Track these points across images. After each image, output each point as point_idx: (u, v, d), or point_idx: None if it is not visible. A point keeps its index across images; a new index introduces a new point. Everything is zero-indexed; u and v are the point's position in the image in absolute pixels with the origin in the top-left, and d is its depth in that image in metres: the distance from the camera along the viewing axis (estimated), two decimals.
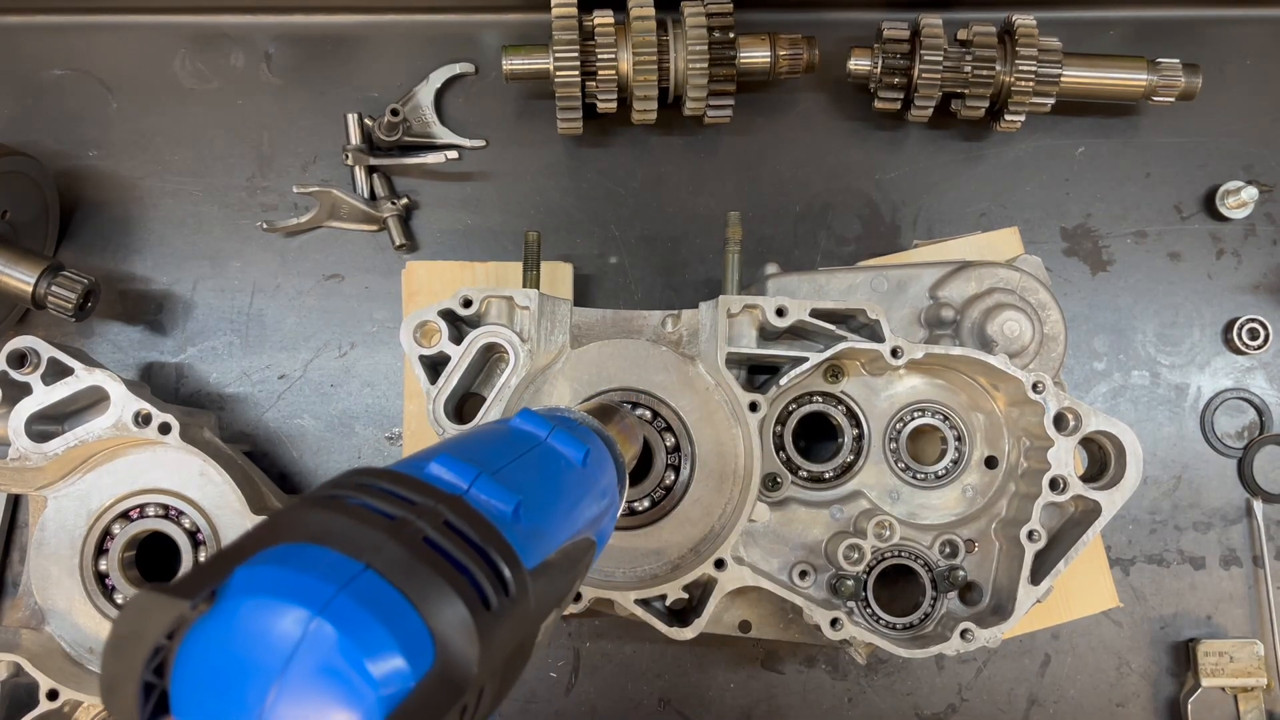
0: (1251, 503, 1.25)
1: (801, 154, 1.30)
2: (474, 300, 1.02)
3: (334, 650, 0.42)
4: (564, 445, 0.67)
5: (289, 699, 0.42)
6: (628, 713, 1.23)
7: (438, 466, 0.56)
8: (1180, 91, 1.22)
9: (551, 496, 0.63)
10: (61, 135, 1.30)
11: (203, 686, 0.43)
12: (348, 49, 1.31)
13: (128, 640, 0.43)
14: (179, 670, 0.44)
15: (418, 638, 0.44)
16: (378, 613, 0.43)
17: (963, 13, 1.27)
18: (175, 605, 0.43)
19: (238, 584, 0.45)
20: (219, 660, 0.43)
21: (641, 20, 1.16)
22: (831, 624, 1.01)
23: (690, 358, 1.05)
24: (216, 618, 0.44)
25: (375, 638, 0.43)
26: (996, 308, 1.07)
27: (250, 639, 0.43)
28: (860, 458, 1.08)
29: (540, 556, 0.57)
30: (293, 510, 0.49)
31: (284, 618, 0.43)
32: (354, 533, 0.47)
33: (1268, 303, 1.28)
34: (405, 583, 0.45)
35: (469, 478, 0.56)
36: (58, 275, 1.14)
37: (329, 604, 0.43)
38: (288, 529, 0.47)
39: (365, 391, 1.26)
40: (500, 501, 0.55)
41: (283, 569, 0.44)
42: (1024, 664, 1.24)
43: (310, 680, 0.42)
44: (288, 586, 0.44)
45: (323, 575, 0.44)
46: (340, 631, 0.42)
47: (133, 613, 0.43)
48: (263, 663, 0.42)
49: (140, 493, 1.11)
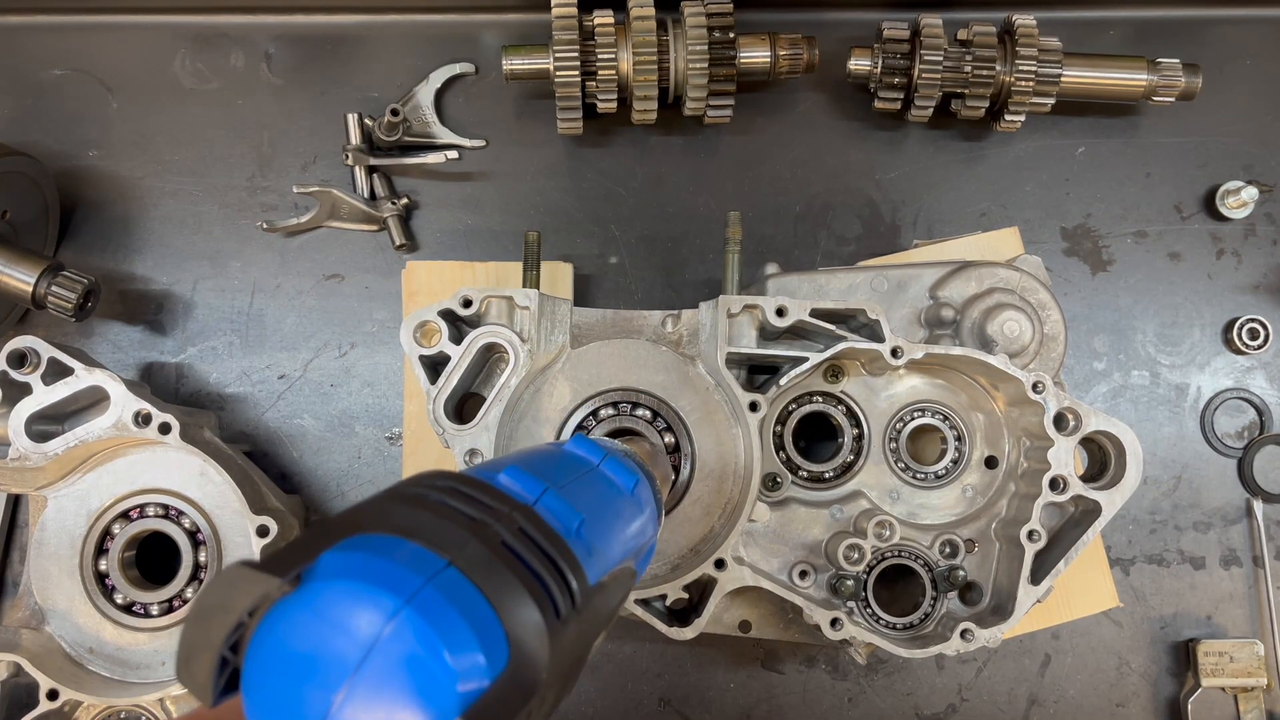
0: (1251, 503, 1.25)
1: (801, 154, 1.30)
2: (474, 300, 1.02)
3: (419, 641, 0.43)
4: (615, 473, 0.68)
5: (368, 686, 0.42)
6: (628, 713, 1.23)
7: (507, 478, 0.57)
8: (1180, 91, 1.22)
9: (608, 519, 0.64)
10: (61, 135, 1.30)
11: (280, 666, 0.43)
12: (348, 49, 1.31)
13: (213, 611, 0.43)
14: (256, 647, 0.44)
15: (495, 637, 0.45)
16: (461, 609, 0.44)
17: (963, 13, 1.27)
18: (265, 581, 0.43)
19: (325, 567, 0.45)
20: (299, 641, 0.43)
21: (641, 20, 1.16)
22: (831, 624, 1.01)
23: (690, 358, 1.05)
24: (301, 598, 0.44)
25: (459, 633, 0.43)
26: (996, 308, 1.07)
27: (333, 622, 0.43)
28: (860, 458, 1.08)
29: (597, 576, 0.58)
30: (377, 502, 0.50)
31: (370, 604, 0.43)
32: (438, 529, 0.47)
33: (1268, 303, 1.28)
34: (485, 582, 0.46)
35: (536, 492, 0.57)
36: (58, 275, 1.14)
37: (416, 595, 0.43)
38: (372, 519, 0.48)
39: (365, 391, 1.26)
40: (565, 517, 0.56)
41: (371, 556, 0.45)
42: (1024, 664, 1.24)
43: (391, 668, 0.42)
44: (376, 574, 0.44)
45: (409, 567, 0.45)
46: (427, 622, 0.43)
47: (222, 584, 0.43)
48: (344, 647, 0.42)
49: (140, 493, 1.11)
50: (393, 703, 0.42)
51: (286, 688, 0.42)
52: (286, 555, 0.45)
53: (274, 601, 0.44)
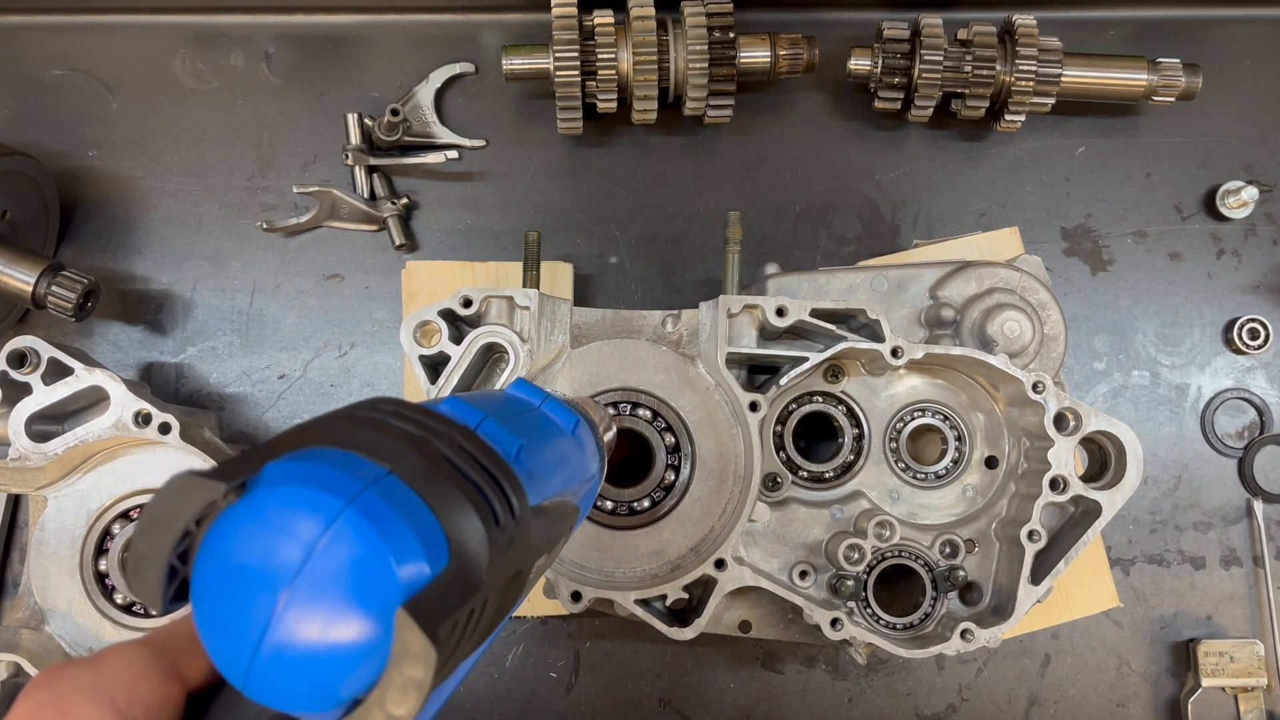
0: (1251, 503, 1.25)
1: (801, 154, 1.30)
2: (474, 300, 1.02)
3: (360, 540, 0.43)
4: (555, 414, 0.71)
5: (310, 586, 0.42)
6: (628, 713, 1.23)
7: (447, 406, 0.58)
8: (1180, 91, 1.22)
9: (548, 451, 0.66)
10: (61, 135, 1.30)
11: (225, 572, 0.44)
12: (348, 49, 1.31)
13: (161, 520, 0.44)
14: (203, 555, 0.45)
15: (435, 539, 0.46)
16: (402, 511, 0.45)
17: (963, 13, 1.27)
18: (211, 488, 0.44)
19: (268, 476, 0.46)
20: (244, 547, 0.44)
21: (641, 20, 1.16)
22: (831, 624, 1.01)
23: (690, 358, 1.05)
24: (246, 505, 0.45)
25: (399, 533, 0.44)
26: (997, 308, 1.07)
27: (276, 526, 0.44)
28: (860, 458, 1.08)
29: (537, 499, 0.59)
30: (319, 420, 0.51)
31: (311, 507, 0.44)
32: (378, 442, 0.49)
33: (1268, 303, 1.28)
34: (426, 489, 0.47)
35: (476, 418, 0.58)
36: (58, 275, 1.14)
37: (357, 497, 0.44)
38: (315, 435, 0.49)
39: (365, 391, 1.26)
40: (505, 442, 0.58)
41: (313, 464, 0.46)
42: (1024, 664, 1.24)
43: (333, 569, 0.43)
44: (318, 478, 0.45)
45: (351, 474, 0.46)
46: (368, 521, 0.44)
47: (169, 493, 0.44)
48: (286, 550, 0.43)
49: (140, 493, 1.11)
50: (335, 601, 0.42)
51: (232, 593, 0.43)
52: (232, 464, 0.46)
53: (220, 510, 0.45)
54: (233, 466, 0.46)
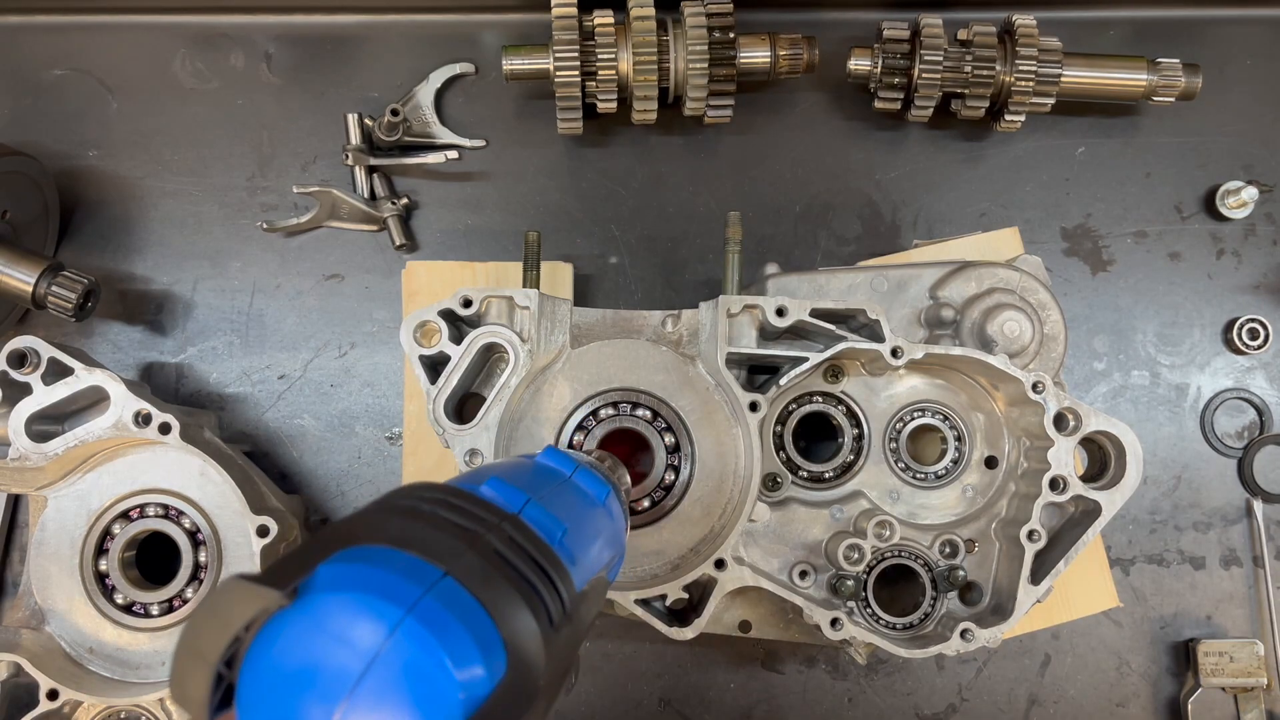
0: (1251, 503, 1.25)
1: (801, 154, 1.30)
2: (474, 300, 1.02)
3: (421, 650, 0.42)
4: (587, 484, 0.69)
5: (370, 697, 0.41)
6: (628, 713, 1.23)
7: (489, 490, 0.57)
8: (1180, 91, 1.22)
9: (586, 529, 0.64)
10: (61, 135, 1.30)
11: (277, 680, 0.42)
12: (348, 49, 1.31)
13: (208, 625, 0.43)
14: (252, 661, 0.43)
15: (494, 645, 0.44)
16: (461, 618, 0.44)
17: (963, 13, 1.27)
18: (263, 594, 0.43)
19: (323, 579, 0.44)
20: (298, 654, 0.42)
21: (641, 20, 1.16)
22: (831, 624, 1.01)
23: (690, 358, 1.05)
24: (300, 611, 0.43)
25: (460, 641, 0.43)
26: (996, 308, 1.07)
27: (333, 634, 0.42)
28: (860, 458, 1.08)
29: (580, 583, 0.58)
30: (370, 514, 0.50)
31: (371, 614, 0.42)
32: (433, 539, 0.47)
33: (1268, 303, 1.28)
34: (482, 591, 0.45)
35: (519, 502, 0.57)
36: (58, 275, 1.14)
37: (416, 605, 0.43)
38: (367, 531, 0.48)
39: (365, 391, 1.26)
40: (549, 526, 0.56)
41: (370, 567, 0.44)
42: (1024, 664, 1.24)
43: (394, 679, 0.42)
44: (376, 584, 0.43)
45: (408, 577, 0.44)
46: (429, 631, 0.42)
47: (218, 598, 0.43)
48: (345, 659, 0.42)
49: (140, 493, 1.11)
50: (395, 713, 0.41)
51: (285, 702, 0.42)
52: (283, 568, 0.45)
53: (271, 614, 0.43)
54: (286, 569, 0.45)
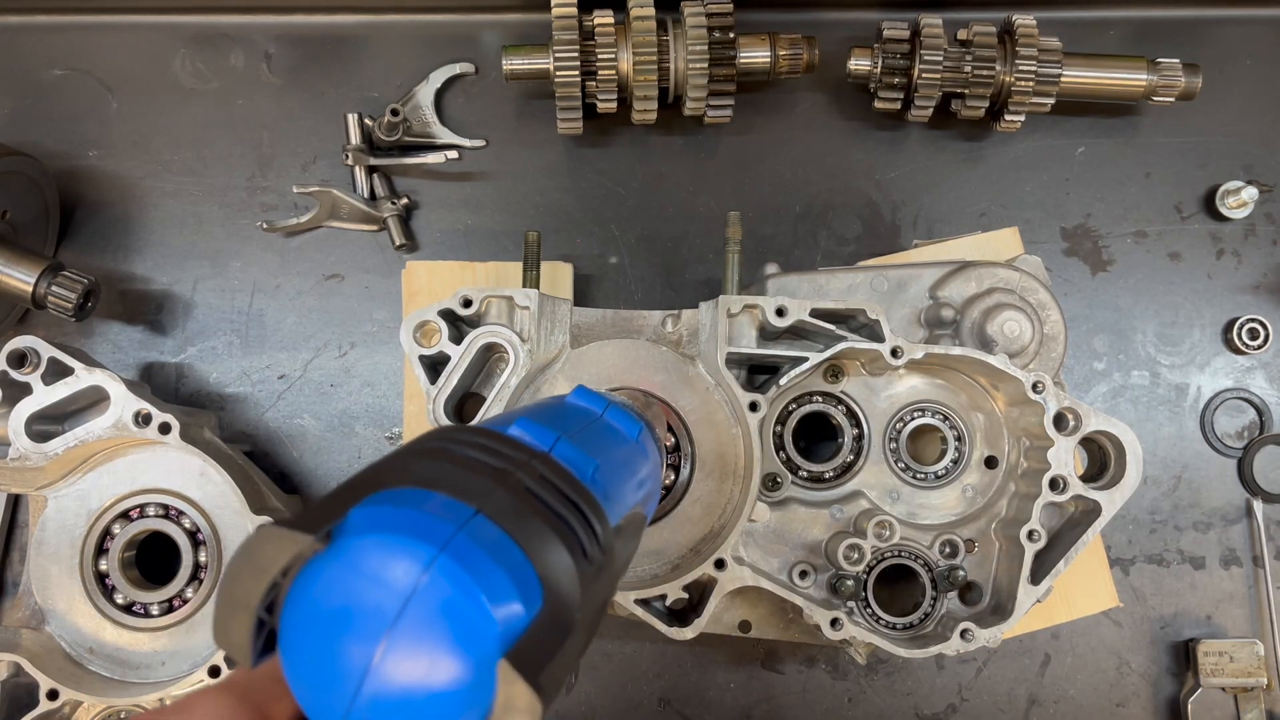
0: (1251, 503, 1.25)
1: (801, 154, 1.30)
2: (474, 300, 1.02)
3: (456, 587, 0.42)
4: (619, 422, 0.69)
5: (408, 635, 0.42)
6: (628, 713, 1.23)
7: (518, 429, 0.57)
8: (1180, 91, 1.22)
9: (618, 465, 0.64)
10: (61, 135, 1.30)
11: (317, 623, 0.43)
12: (348, 49, 1.31)
13: (246, 572, 0.43)
14: (292, 606, 0.44)
15: (529, 580, 0.45)
16: (494, 553, 0.44)
17: (963, 13, 1.27)
18: (297, 539, 0.43)
19: (355, 522, 0.45)
20: (335, 596, 0.43)
21: (641, 20, 1.16)
22: (831, 624, 1.01)
23: (690, 358, 1.05)
24: (334, 554, 0.44)
25: (494, 577, 0.43)
26: (996, 308, 1.07)
27: (369, 575, 0.43)
28: (860, 458, 1.08)
29: (614, 520, 0.58)
30: (399, 457, 0.50)
31: (405, 554, 0.43)
32: (462, 479, 0.48)
33: (1268, 303, 1.28)
34: (515, 528, 0.46)
35: (549, 440, 0.57)
36: (58, 275, 1.14)
37: (449, 542, 0.43)
38: (396, 474, 0.48)
39: (365, 391, 1.26)
40: (580, 463, 0.56)
41: (401, 508, 0.45)
42: (1024, 664, 1.24)
43: (430, 616, 0.42)
44: (408, 524, 0.44)
45: (439, 516, 0.45)
46: (463, 568, 0.43)
47: (253, 545, 0.43)
48: (381, 599, 0.42)
49: (140, 493, 1.11)
50: (434, 650, 0.42)
51: (325, 644, 0.42)
52: (316, 513, 0.45)
53: (307, 559, 0.44)
54: (317, 514, 0.45)
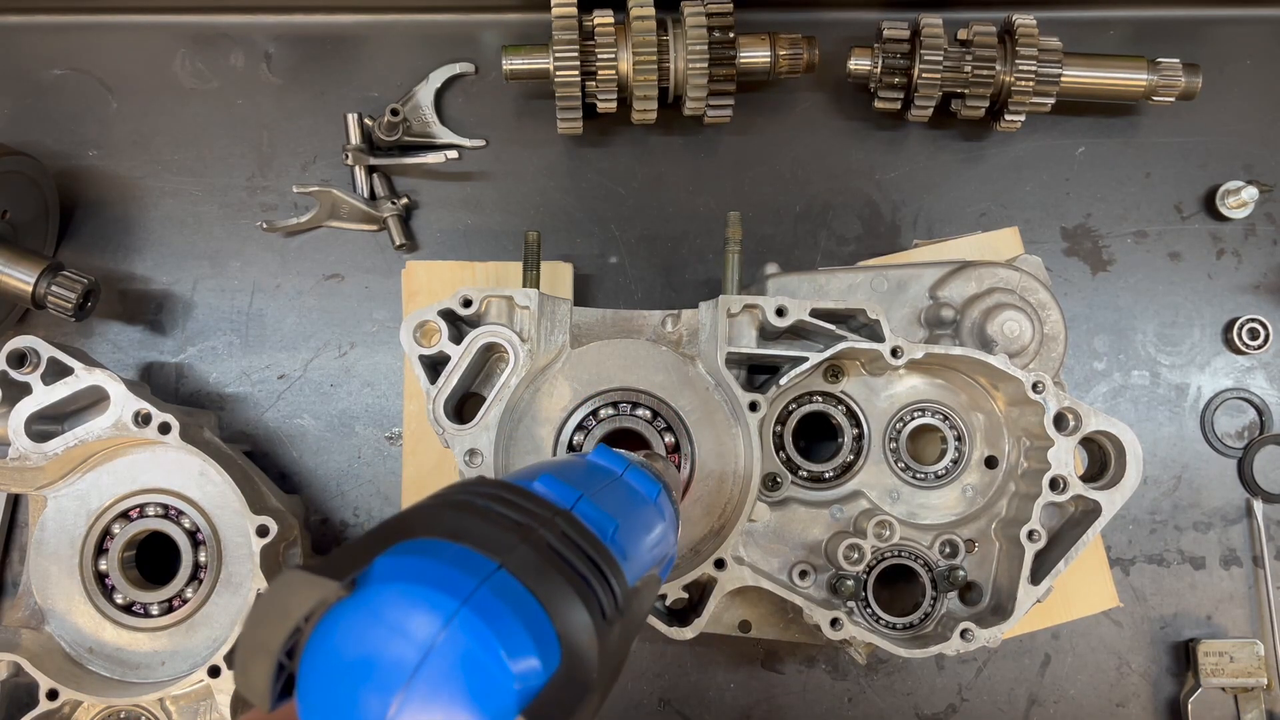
0: (1251, 503, 1.25)
1: (801, 154, 1.30)
2: (474, 300, 1.02)
3: (476, 642, 0.43)
4: (638, 483, 0.70)
5: (426, 687, 0.42)
6: (628, 713, 1.23)
7: (543, 485, 0.58)
8: (1180, 91, 1.22)
9: (637, 526, 0.65)
10: (61, 135, 1.30)
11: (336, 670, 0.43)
12: (348, 49, 1.31)
13: (270, 616, 0.43)
14: (312, 652, 0.44)
15: (548, 638, 0.45)
16: (515, 610, 0.44)
17: (963, 13, 1.27)
18: (322, 585, 0.44)
19: (379, 571, 0.45)
20: (356, 644, 0.43)
21: (641, 20, 1.16)
22: (831, 624, 1.01)
23: (690, 358, 1.05)
24: (357, 602, 0.44)
25: (514, 633, 0.44)
26: (996, 308, 1.07)
27: (390, 625, 0.43)
28: (860, 458, 1.08)
29: (632, 580, 0.58)
30: (425, 508, 0.51)
31: (427, 606, 0.43)
32: (487, 532, 0.48)
33: (1268, 303, 1.28)
34: (536, 584, 0.46)
35: (572, 499, 0.58)
36: (58, 275, 1.14)
37: (471, 597, 0.44)
38: (423, 524, 0.48)
39: (365, 391, 1.26)
40: (601, 522, 0.57)
41: (425, 559, 0.45)
42: (1024, 664, 1.24)
43: (449, 670, 0.42)
44: (431, 576, 0.44)
45: (462, 569, 0.45)
46: (484, 623, 0.43)
47: (280, 590, 0.43)
48: (401, 650, 0.42)
49: (140, 492, 1.11)
50: (451, 704, 0.42)
51: (343, 691, 0.43)
52: (341, 559, 0.46)
53: (330, 605, 0.44)
54: (344, 560, 0.45)
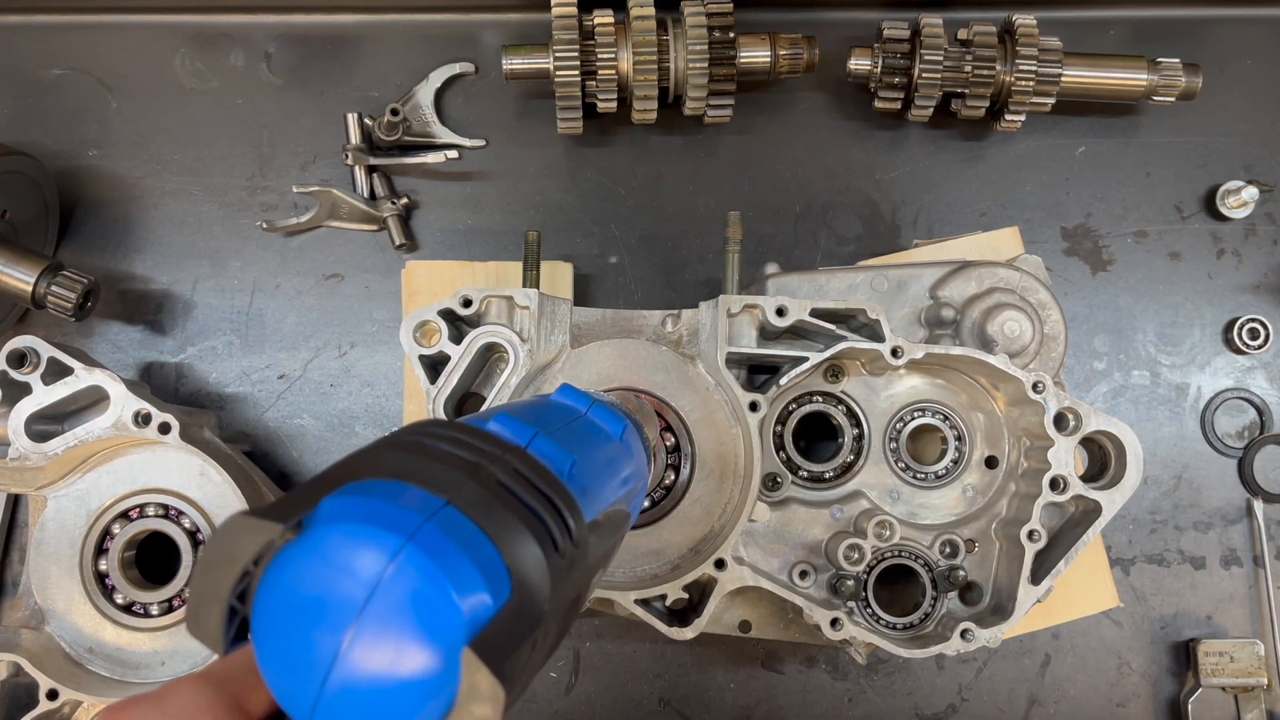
0: (1252, 503, 1.25)
1: (801, 154, 1.30)
2: (474, 300, 1.02)
3: (422, 576, 0.43)
4: (603, 420, 0.70)
5: (374, 623, 0.42)
6: (628, 713, 1.23)
7: (496, 424, 0.58)
8: (1180, 91, 1.22)
9: (599, 462, 0.65)
10: (61, 135, 1.30)
11: (287, 612, 0.44)
12: (348, 49, 1.31)
13: (218, 562, 0.44)
14: (263, 595, 0.44)
15: (497, 571, 0.45)
16: (462, 544, 0.45)
17: (963, 12, 1.27)
18: (268, 528, 0.44)
19: (325, 513, 0.46)
20: (305, 585, 0.44)
21: (641, 20, 1.16)
22: (831, 624, 1.01)
23: (690, 357, 1.05)
24: (303, 544, 0.45)
25: (460, 566, 0.44)
26: (997, 307, 1.07)
27: (337, 564, 0.43)
28: (860, 458, 1.08)
29: (591, 515, 0.58)
30: (372, 449, 0.51)
31: (372, 544, 0.44)
32: (434, 472, 0.48)
33: (1268, 302, 1.28)
34: (484, 520, 0.46)
35: (527, 436, 0.58)
36: (57, 275, 1.14)
37: (416, 533, 0.44)
38: (369, 466, 0.49)
39: (365, 391, 1.26)
40: (558, 459, 0.57)
41: (370, 499, 0.46)
42: (1024, 664, 1.24)
43: (396, 605, 0.43)
44: (376, 515, 0.45)
45: (408, 507, 0.45)
46: (429, 558, 0.43)
47: (225, 535, 0.44)
48: (348, 588, 0.43)
49: (140, 492, 1.11)
50: (400, 638, 0.42)
51: (295, 632, 0.43)
52: (287, 502, 0.46)
53: (278, 549, 0.45)
54: (288, 505, 0.46)
